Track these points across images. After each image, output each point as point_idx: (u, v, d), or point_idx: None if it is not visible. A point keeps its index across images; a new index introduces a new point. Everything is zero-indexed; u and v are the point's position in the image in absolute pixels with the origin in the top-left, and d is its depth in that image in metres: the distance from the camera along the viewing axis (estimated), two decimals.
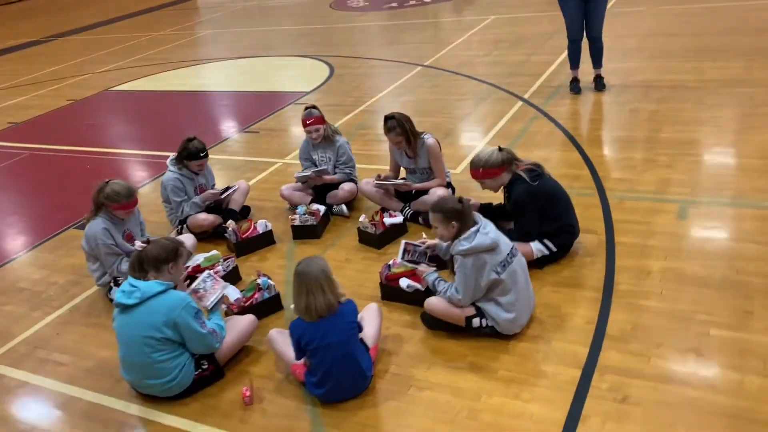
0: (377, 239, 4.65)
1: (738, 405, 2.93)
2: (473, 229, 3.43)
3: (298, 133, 7.41)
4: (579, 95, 7.15)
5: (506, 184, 4.14)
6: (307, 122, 5.21)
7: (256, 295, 4.06)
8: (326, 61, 10.51)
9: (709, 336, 3.35)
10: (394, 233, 4.74)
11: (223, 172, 6.50)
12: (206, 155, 5.11)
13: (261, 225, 4.96)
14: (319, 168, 5.23)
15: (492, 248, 3.39)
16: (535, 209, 4.02)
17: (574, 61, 7.22)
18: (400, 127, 4.74)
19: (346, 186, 5.25)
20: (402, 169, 5.15)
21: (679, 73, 7.31)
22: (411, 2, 14.96)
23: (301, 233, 4.95)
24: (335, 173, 5.32)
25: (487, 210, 4.44)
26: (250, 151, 7.16)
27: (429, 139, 4.85)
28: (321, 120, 5.21)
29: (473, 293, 3.47)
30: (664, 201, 4.73)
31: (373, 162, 6.17)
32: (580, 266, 4.12)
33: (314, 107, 5.26)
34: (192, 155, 5.03)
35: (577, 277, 4.03)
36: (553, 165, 5.34)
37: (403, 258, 4.10)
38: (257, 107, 8.75)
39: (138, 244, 3.52)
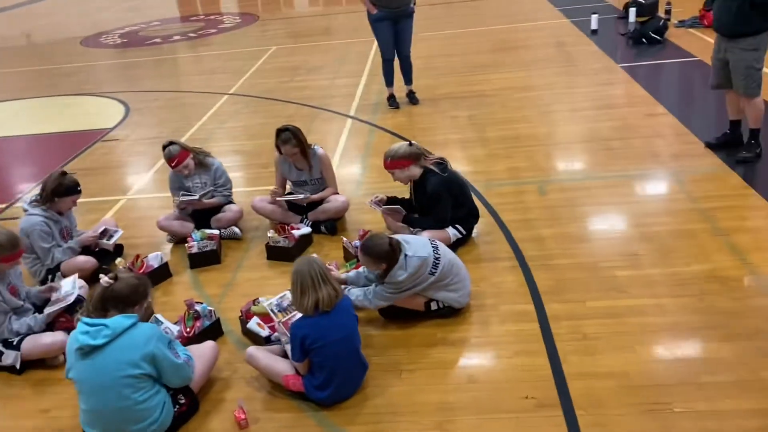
0: (290, 252, 4.63)
1: (667, 321, 3.63)
2: (401, 257, 3.59)
3: (123, 168, 6.89)
4: (399, 109, 7.79)
5: (417, 177, 4.47)
6: (173, 164, 4.94)
7: (197, 324, 3.80)
8: (112, 97, 9.80)
9: (617, 277, 4.06)
10: (304, 244, 4.77)
11: None
12: (81, 190, 4.60)
13: (154, 258, 4.60)
14: (203, 191, 5.01)
15: (422, 263, 3.64)
16: (449, 198, 4.42)
17: (389, 78, 7.86)
18: (295, 139, 4.80)
19: (234, 207, 5.11)
20: (288, 182, 5.18)
21: (473, 85, 8.39)
22: (176, 37, 14.57)
23: (201, 260, 4.70)
24: (212, 197, 5.13)
25: (393, 202, 4.71)
26: None
27: (320, 150, 4.99)
28: (186, 154, 4.97)
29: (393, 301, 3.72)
30: (521, 184, 5.49)
31: None
32: (487, 243, 4.63)
33: (172, 143, 4.98)
34: (69, 190, 4.50)
35: (489, 251, 4.52)
36: None
37: None
38: (57, 149, 7.87)
39: (105, 280, 3.05)
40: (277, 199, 4.95)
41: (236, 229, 5.05)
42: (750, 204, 4.77)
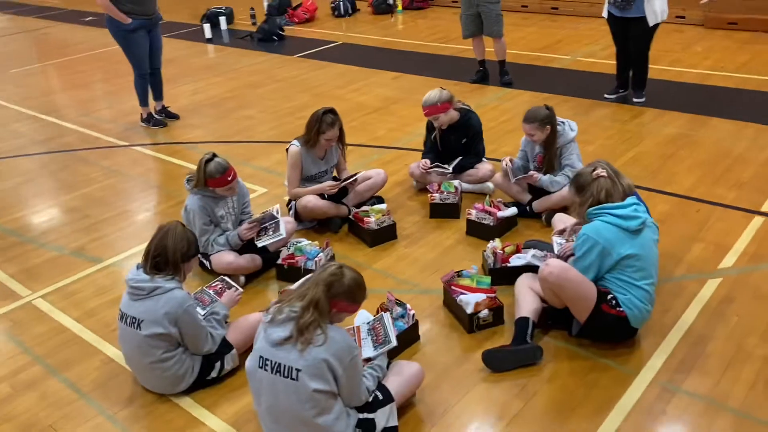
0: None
1: None
2: (566, 124, 4.42)
3: None
4: (167, 126, 7.02)
5: (456, 119, 4.83)
6: (230, 178, 3.97)
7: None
8: None
9: None
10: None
11: None
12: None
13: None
14: (274, 218, 4.16)
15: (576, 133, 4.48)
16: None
17: (145, 97, 6.95)
18: (339, 119, 4.49)
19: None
20: (304, 182, 4.63)
21: (190, 95, 8.09)
22: None
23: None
24: (241, 220, 4.23)
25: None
26: None
27: None
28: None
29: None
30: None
31: None
32: None
33: (215, 155, 3.98)
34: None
35: None
36: None
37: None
38: None
39: (602, 173, 3.35)
40: (344, 183, 4.55)
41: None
42: None
